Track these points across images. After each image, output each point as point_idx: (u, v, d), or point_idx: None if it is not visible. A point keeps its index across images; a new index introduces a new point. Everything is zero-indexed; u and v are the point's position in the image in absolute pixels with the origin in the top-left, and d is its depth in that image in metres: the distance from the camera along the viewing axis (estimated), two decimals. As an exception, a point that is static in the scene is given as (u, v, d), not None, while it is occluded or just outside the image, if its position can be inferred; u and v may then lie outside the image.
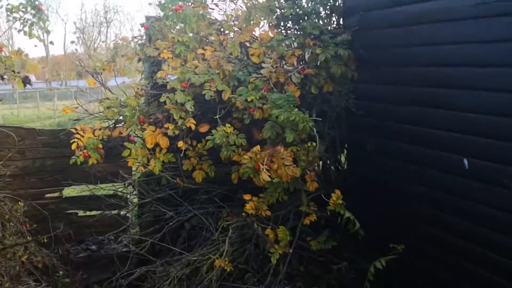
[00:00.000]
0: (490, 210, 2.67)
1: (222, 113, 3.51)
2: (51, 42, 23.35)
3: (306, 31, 3.52)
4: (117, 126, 3.66)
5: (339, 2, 3.81)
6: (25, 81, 3.74)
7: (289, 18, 3.77)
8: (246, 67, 3.66)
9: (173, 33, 3.72)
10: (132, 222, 4.14)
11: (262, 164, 3.06)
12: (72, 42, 63.16)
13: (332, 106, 3.75)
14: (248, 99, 3.39)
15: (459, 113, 2.83)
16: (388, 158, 3.54)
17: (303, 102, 3.60)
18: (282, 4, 3.77)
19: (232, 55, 3.66)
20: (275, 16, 3.72)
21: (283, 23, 3.78)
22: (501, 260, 2.62)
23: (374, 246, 3.37)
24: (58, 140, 4.52)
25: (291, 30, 3.77)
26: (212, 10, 3.99)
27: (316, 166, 3.46)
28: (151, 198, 3.70)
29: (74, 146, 3.55)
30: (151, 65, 3.92)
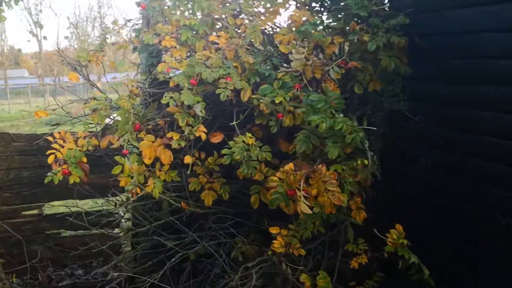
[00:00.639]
0: None
1: (240, 118, 2.72)
2: (44, 37, 22.52)
3: (350, 12, 2.72)
4: (106, 133, 2.86)
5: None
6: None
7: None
8: (270, 59, 2.87)
9: (177, 15, 2.92)
10: (124, 253, 3.34)
11: (299, 189, 2.27)
12: (66, 38, 62.09)
13: (377, 110, 2.97)
14: (276, 101, 2.60)
15: None
16: (450, 176, 2.77)
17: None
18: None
19: (253, 43, 2.86)
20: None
21: (320, 2, 2.98)
22: None
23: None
24: (37, 147, 3.73)
25: (329, 12, 2.97)
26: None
27: (362, 188, 2.68)
28: (149, 226, 2.90)
29: (51, 159, 2.76)
30: (149, 56, 3.11)
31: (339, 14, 2.89)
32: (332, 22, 2.84)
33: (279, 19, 3.01)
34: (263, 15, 2.93)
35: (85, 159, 2.77)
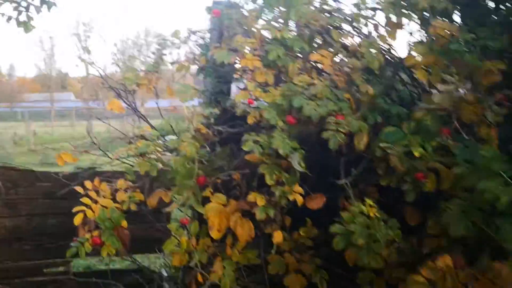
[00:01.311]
0: None
1: (353, 173, 1.83)
2: (92, 62, 22.50)
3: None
4: (155, 186, 2.03)
5: None
6: None
7: None
8: (396, 89, 1.99)
9: (262, 25, 2.10)
10: None
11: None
12: (112, 63, 64.01)
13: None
14: (415, 153, 1.69)
15: None
16: None
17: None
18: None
19: (369, 67, 1.99)
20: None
21: (469, 12, 2.09)
22: None
23: None
24: (67, 189, 2.97)
25: (479, 25, 2.06)
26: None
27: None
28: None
29: (78, 221, 1.95)
30: (218, 80, 2.29)
31: (497, 30, 1.98)
32: (486, 40, 1.93)
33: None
34: (386, 28, 2.05)
35: (125, 223, 1.94)
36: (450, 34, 1.91)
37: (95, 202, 1.97)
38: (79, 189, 2.03)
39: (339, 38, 2.09)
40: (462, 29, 1.93)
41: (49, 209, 3.14)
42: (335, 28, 2.12)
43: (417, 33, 2.14)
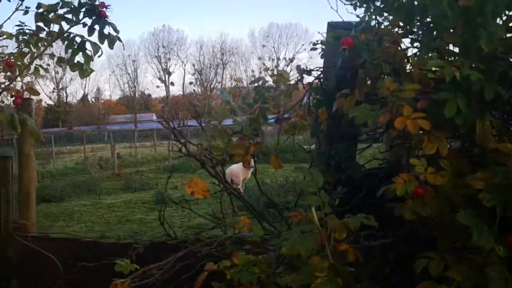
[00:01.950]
0: None
1: None
2: (172, 83, 23.06)
3: None
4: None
5: None
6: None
7: None
8: None
9: (422, 60, 1.30)
10: None
11: None
12: (190, 83, 65.53)
13: None
14: None
15: None
16: None
17: None
18: None
19: None
20: None
21: None
22: None
23: None
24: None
25: None
26: None
27: None
28: None
29: None
30: (342, 139, 1.53)
31: None
32: None
33: None
34: None
35: None
36: None
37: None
38: None
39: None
40: None
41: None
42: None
43: None
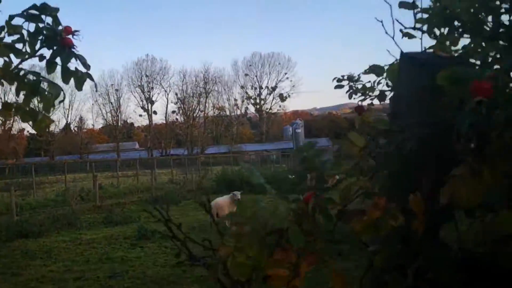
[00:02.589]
0: None
1: None
2: (155, 112, 22.99)
3: None
4: None
5: None
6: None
7: None
8: None
9: None
10: None
11: None
12: (173, 112, 65.22)
13: None
14: None
15: None
16: None
17: None
18: None
19: None
20: None
21: None
22: None
23: None
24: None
25: None
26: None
27: None
28: None
29: None
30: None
31: None
32: None
33: None
34: None
35: None
36: None
37: None
38: None
39: None
40: None
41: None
42: None
43: None
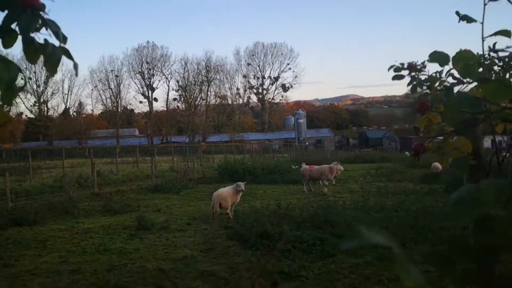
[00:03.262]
0: None
1: None
2: (155, 99, 22.51)
3: None
4: None
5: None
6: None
7: None
8: None
9: None
10: None
11: None
12: (174, 100, 64.43)
13: None
14: None
15: None
16: None
17: None
18: None
19: None
20: None
21: None
22: None
23: None
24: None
25: None
26: None
27: None
28: None
29: None
30: None
31: None
32: None
33: None
34: None
35: None
36: None
37: None
38: None
39: None
40: None
41: None
42: None
43: None
